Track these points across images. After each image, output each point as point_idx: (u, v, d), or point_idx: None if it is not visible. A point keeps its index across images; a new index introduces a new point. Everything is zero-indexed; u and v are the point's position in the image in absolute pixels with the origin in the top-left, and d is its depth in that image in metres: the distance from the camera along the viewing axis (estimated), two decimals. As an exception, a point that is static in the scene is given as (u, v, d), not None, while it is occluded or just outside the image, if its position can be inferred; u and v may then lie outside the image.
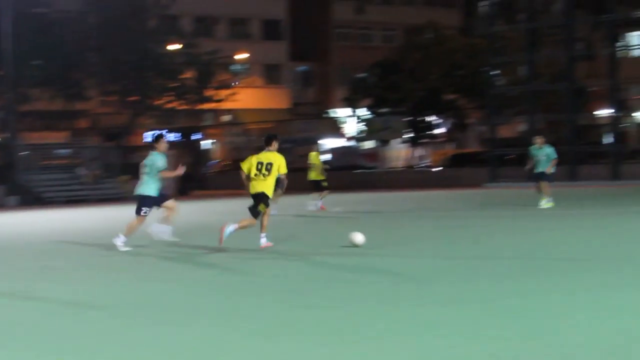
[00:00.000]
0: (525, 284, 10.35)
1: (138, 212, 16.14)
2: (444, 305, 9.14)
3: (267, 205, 15.60)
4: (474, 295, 9.69)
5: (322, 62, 76.25)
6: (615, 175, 43.13)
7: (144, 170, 16.00)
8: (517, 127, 56.98)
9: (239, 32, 72.05)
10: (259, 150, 16.14)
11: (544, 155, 25.45)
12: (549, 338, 7.31)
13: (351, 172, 52.99)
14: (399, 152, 66.59)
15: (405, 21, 73.31)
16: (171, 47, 54.16)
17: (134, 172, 23.00)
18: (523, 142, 47.77)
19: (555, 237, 16.53)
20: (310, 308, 9.37)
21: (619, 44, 50.54)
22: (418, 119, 62.06)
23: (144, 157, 16.21)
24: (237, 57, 64.41)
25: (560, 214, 22.19)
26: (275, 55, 72.76)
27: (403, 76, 60.03)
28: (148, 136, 53.98)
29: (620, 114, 48.14)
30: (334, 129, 69.24)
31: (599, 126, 53.71)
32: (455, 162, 56.36)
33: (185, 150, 51.86)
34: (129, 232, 16.21)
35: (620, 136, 48.30)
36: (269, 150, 15.82)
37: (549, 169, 25.28)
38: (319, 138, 48.13)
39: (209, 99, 55.16)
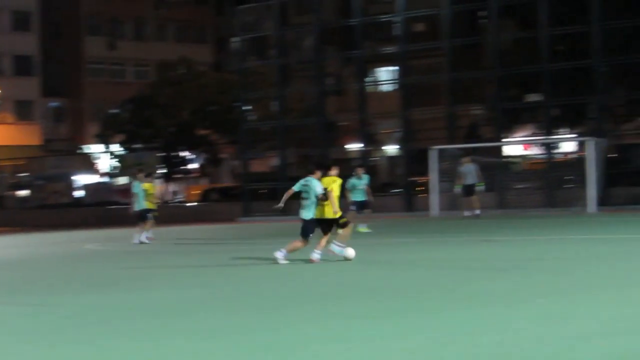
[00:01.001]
0: (277, 317, 10.37)
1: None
2: (209, 337, 9.04)
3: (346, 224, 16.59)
4: (234, 328, 9.62)
5: (74, 98, 75.08)
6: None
7: None
8: (269, 162, 57.69)
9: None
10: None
11: (364, 184, 26.19)
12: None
13: (104, 208, 52.14)
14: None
15: (158, 57, 73.35)
16: None
17: None
18: (275, 177, 48.46)
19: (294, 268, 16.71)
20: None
21: (367, 79, 52.13)
22: (171, 154, 61.97)
23: None
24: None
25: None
26: (27, 91, 71.09)
27: (156, 112, 59.84)
28: None
29: (370, 148, 49.58)
30: (88, 165, 68.05)
31: (350, 160, 55.11)
32: (209, 196, 56.59)
33: None
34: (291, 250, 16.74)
35: (371, 170, 49.72)
36: (330, 175, 16.78)
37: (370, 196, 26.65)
38: (73, 174, 47.38)
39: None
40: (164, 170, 61.83)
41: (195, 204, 55.59)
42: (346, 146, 55.42)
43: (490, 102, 45.28)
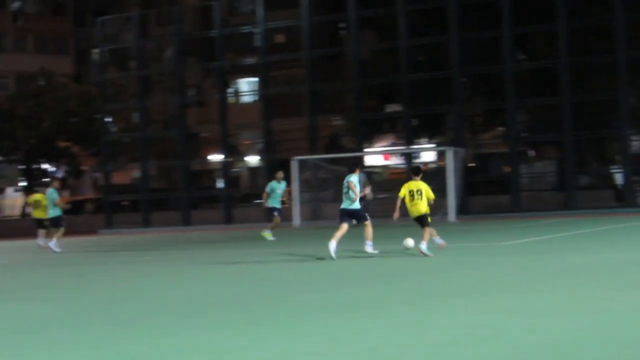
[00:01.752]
0: (135, 329, 10.29)
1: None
2: (58, 352, 8.89)
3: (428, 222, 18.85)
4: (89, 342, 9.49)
5: None
6: (228, 219, 44.28)
7: None
8: (131, 174, 57.12)
9: None
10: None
11: (283, 189, 26.49)
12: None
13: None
14: (14, 200, 64.98)
15: (17, 69, 71.85)
16: None
17: None
18: (137, 189, 48.03)
19: (153, 282, 16.63)
20: None
21: (229, 90, 52.13)
22: (32, 166, 60.80)
23: None
24: None
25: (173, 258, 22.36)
26: None
27: (15, 124, 58.56)
28: None
29: (231, 159, 49.57)
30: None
31: (212, 171, 55.04)
32: (71, 209, 55.63)
33: None
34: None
35: (232, 181, 49.75)
36: (416, 180, 19.35)
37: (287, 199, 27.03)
38: None
39: None
40: (25, 183, 60.66)
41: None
42: (208, 157, 55.28)
43: (350, 113, 45.81)
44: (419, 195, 19.10)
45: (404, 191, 19.36)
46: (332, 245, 18.72)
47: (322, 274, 16.10)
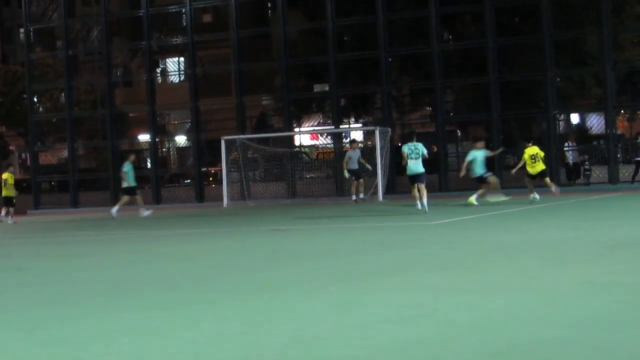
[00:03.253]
0: (60, 311, 10.26)
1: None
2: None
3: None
4: None
5: None
6: (157, 199, 44.09)
7: None
8: (59, 154, 56.56)
9: None
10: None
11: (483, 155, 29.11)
12: None
13: None
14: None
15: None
16: None
17: None
18: (65, 169, 47.59)
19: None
20: None
21: (156, 70, 51.78)
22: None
23: None
24: None
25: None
26: None
27: (-61, 105, 57.62)
28: None
29: (159, 139, 49.31)
30: None
31: (140, 151, 54.68)
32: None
33: None
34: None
35: (160, 161, 49.50)
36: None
37: None
38: None
39: None
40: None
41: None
42: (136, 137, 54.94)
43: (278, 93, 45.85)
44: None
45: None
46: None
47: (253, 255, 16.16)
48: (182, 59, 54.29)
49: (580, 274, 10.90)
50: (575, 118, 49.15)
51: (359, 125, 47.93)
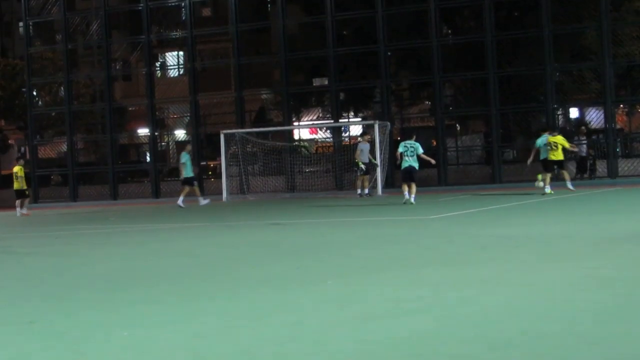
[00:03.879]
0: (62, 305, 10.28)
1: None
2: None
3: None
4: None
5: None
6: (156, 193, 44.12)
7: None
8: (58, 148, 56.53)
9: None
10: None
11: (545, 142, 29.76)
12: (94, 355, 7.34)
13: None
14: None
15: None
16: None
17: None
18: (64, 163, 47.58)
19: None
20: None
21: (156, 64, 51.77)
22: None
23: None
24: None
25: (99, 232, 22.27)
26: None
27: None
28: None
29: (159, 133, 49.31)
30: None
31: (139, 145, 54.72)
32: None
33: None
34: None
35: (160, 155, 49.52)
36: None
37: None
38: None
39: None
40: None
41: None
42: (135, 131, 54.93)
43: (277, 87, 45.86)
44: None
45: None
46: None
47: (252, 249, 16.18)
48: (181, 52, 54.20)
49: (579, 268, 10.92)
50: (574, 112, 49.12)
51: (358, 119, 47.91)
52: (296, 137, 47.08)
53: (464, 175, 41.99)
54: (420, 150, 26.41)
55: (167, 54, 57.31)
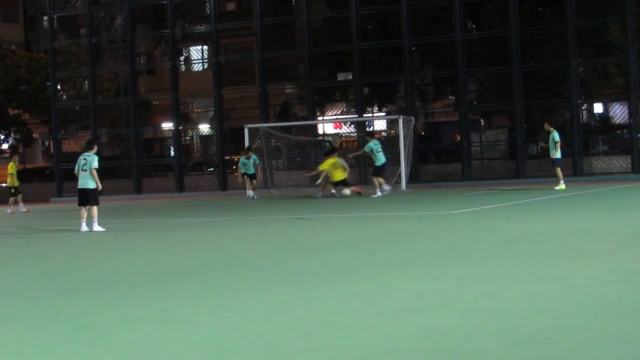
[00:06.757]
0: (86, 299, 10.32)
1: None
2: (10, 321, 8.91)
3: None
4: (39, 312, 9.51)
5: None
6: (180, 188, 44.23)
7: None
8: (82, 142, 56.77)
9: None
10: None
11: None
12: (118, 349, 7.36)
13: None
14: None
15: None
16: None
17: None
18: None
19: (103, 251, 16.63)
20: None
21: (180, 58, 51.87)
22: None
23: None
24: None
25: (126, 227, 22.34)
26: None
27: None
28: None
29: (183, 127, 49.42)
30: None
31: (163, 139, 54.83)
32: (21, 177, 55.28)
33: None
34: None
35: (184, 149, 49.63)
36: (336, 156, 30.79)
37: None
38: None
39: None
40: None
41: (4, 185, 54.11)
42: (159, 125, 55.08)
43: (301, 81, 45.83)
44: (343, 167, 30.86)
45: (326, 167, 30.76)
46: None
47: (276, 243, 16.20)
48: (205, 47, 54.31)
49: (603, 263, 10.88)
50: (598, 107, 48.83)
51: (382, 113, 47.84)
52: (320, 131, 47.05)
53: (488, 170, 41.87)
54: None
55: (191, 48, 57.42)
